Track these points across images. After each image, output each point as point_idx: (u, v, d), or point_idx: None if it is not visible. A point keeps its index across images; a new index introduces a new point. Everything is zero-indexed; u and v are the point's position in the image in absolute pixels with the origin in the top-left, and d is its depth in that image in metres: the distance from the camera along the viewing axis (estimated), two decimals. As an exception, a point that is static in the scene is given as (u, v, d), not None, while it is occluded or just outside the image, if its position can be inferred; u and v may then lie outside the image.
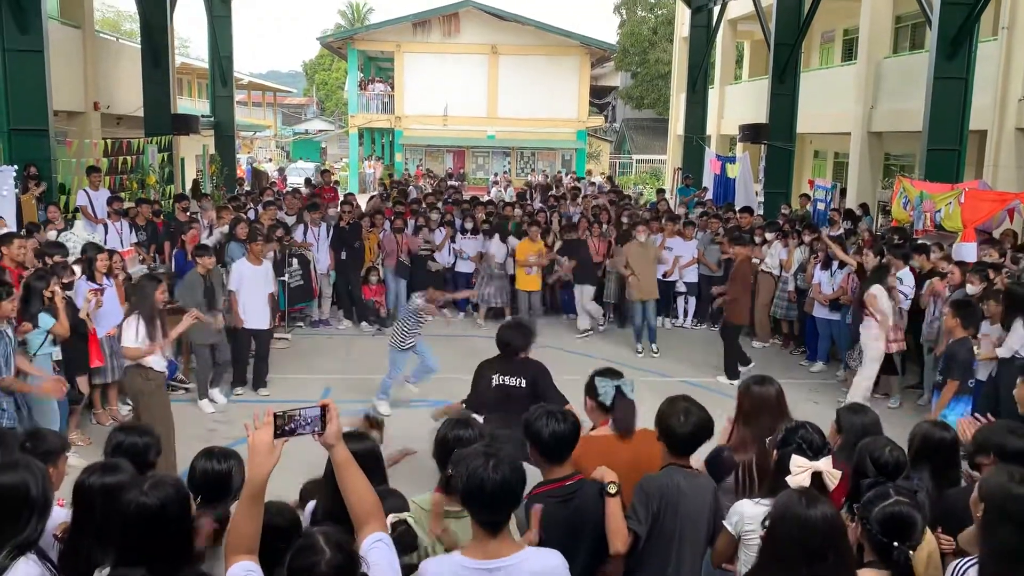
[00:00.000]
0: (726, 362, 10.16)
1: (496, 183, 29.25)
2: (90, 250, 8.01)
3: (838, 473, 3.14)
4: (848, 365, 9.52)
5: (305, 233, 12.06)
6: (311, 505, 3.40)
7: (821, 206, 15.20)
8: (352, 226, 12.37)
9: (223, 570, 2.52)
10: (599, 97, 48.24)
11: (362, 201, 16.81)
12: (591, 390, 4.06)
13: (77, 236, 9.73)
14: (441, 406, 6.40)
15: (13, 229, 8.92)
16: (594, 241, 12.49)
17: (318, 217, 12.23)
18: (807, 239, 11.19)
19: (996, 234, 10.32)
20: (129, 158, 14.74)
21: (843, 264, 10.08)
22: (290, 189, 17.68)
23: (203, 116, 20.15)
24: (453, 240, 12.98)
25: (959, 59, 11.70)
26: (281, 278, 11.27)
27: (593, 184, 24.61)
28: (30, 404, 6.60)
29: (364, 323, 12.26)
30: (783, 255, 11.41)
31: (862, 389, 8.65)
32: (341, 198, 14.47)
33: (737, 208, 14.31)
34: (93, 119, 16.69)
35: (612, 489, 3.36)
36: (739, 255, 10.23)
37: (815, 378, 10.40)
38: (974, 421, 4.23)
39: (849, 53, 21.87)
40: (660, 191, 19.70)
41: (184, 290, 8.76)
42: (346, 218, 12.40)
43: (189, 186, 18.55)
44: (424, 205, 14.73)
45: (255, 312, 9.18)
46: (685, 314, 13.01)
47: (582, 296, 12.09)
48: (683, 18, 26.49)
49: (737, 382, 10.30)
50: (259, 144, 47.98)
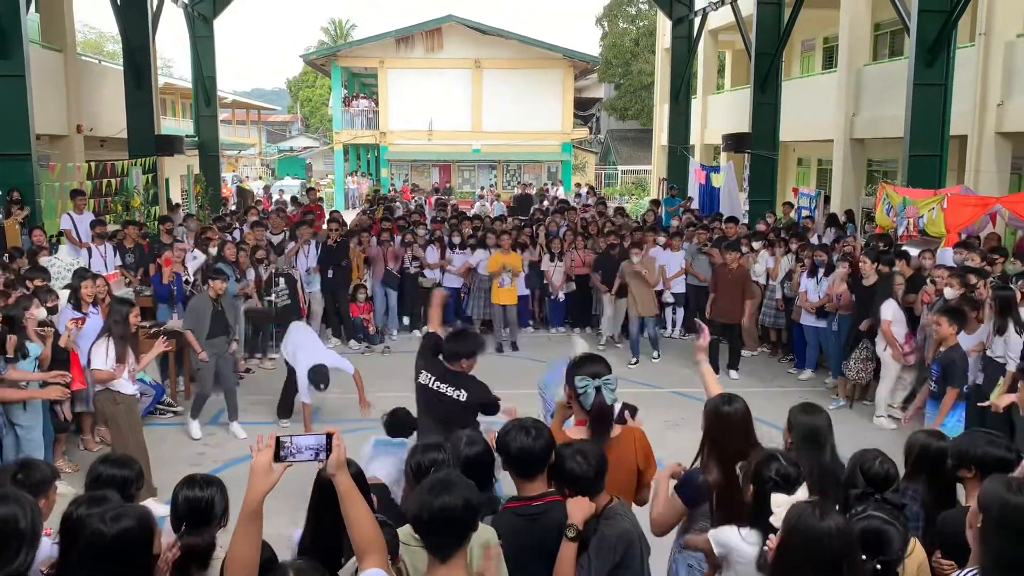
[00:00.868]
0: (731, 359, 10.82)
1: (482, 197, 29.29)
2: (75, 279, 7.95)
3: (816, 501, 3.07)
4: (843, 372, 9.53)
5: (296, 252, 11.98)
6: (297, 533, 3.37)
7: (805, 213, 15.29)
8: (340, 244, 12.33)
9: None
10: (583, 109, 48.42)
11: (348, 217, 16.79)
12: (571, 383, 3.82)
13: (61, 260, 9.68)
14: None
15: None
16: (579, 254, 12.49)
17: (307, 235, 12.17)
18: (793, 247, 11.26)
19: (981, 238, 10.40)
20: (113, 180, 14.72)
21: (829, 271, 10.14)
22: (275, 207, 17.65)
23: (187, 136, 20.11)
24: (443, 257, 12.91)
25: (938, 65, 11.82)
26: (268, 297, 11.25)
27: (578, 196, 24.67)
28: (17, 431, 6.56)
29: (352, 341, 12.22)
30: (770, 263, 11.46)
31: (884, 401, 8.94)
32: (327, 216, 14.45)
33: (723, 218, 14.38)
34: (76, 142, 16.61)
35: (571, 533, 3.13)
36: (730, 260, 10.71)
37: (804, 386, 10.42)
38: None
39: (830, 61, 22.05)
40: (654, 202, 19.72)
41: (190, 314, 8.67)
42: (333, 236, 12.36)
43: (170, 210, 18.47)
44: (410, 223, 14.66)
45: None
46: (673, 324, 13.04)
47: (615, 312, 12.11)
48: (664, 29, 26.66)
49: (736, 375, 10.60)
50: (244, 162, 47.86)
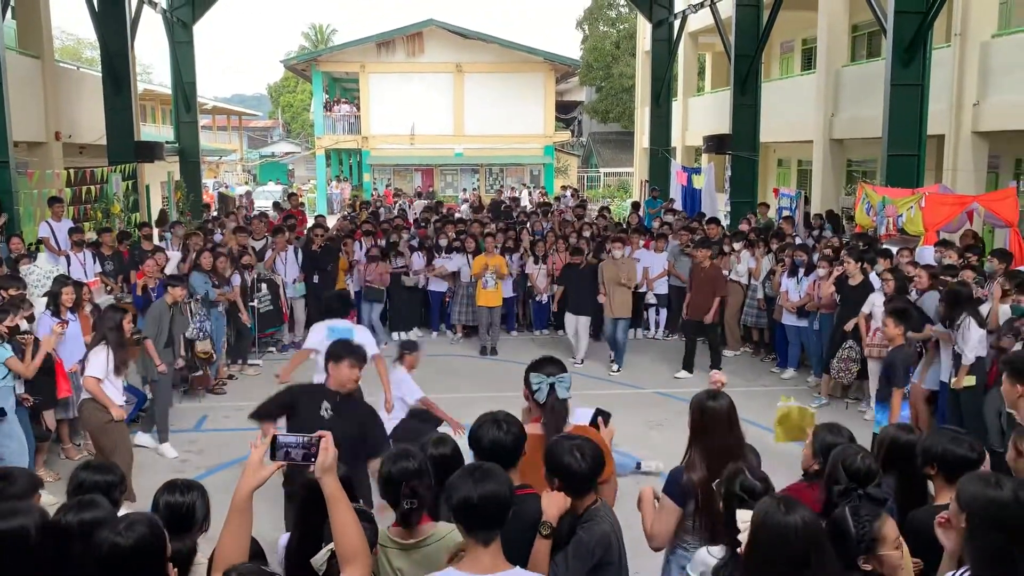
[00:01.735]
0: (712, 359, 10.76)
1: (466, 200, 29.28)
2: (56, 285, 7.90)
3: None
4: (830, 370, 9.55)
5: (275, 259, 11.92)
6: (284, 538, 3.36)
7: (786, 214, 15.37)
8: (325, 249, 12.27)
9: None
10: (565, 112, 48.59)
11: (330, 223, 16.73)
12: (527, 382, 3.89)
13: (40, 268, 9.60)
14: None
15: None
16: (561, 256, 12.47)
17: (283, 240, 12.10)
18: (774, 247, 11.34)
19: (955, 237, 10.50)
20: (93, 187, 14.59)
21: (809, 271, 10.21)
22: (257, 213, 17.57)
23: (167, 142, 19.97)
24: (430, 262, 12.84)
25: (914, 66, 11.93)
26: (250, 303, 11.20)
27: (559, 199, 24.68)
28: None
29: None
30: (751, 264, 11.53)
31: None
32: (309, 221, 14.39)
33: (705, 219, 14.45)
34: (55, 149, 16.49)
35: (544, 530, 3.12)
36: (700, 257, 10.84)
37: (787, 384, 10.49)
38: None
39: (808, 62, 22.22)
40: (635, 204, 19.83)
41: (149, 320, 8.59)
42: (318, 241, 12.31)
43: (156, 216, 18.36)
44: (393, 227, 14.59)
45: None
46: (656, 325, 13.09)
47: (576, 326, 11.38)
48: (645, 32, 26.77)
49: (720, 375, 10.47)
50: (225, 168, 47.62)
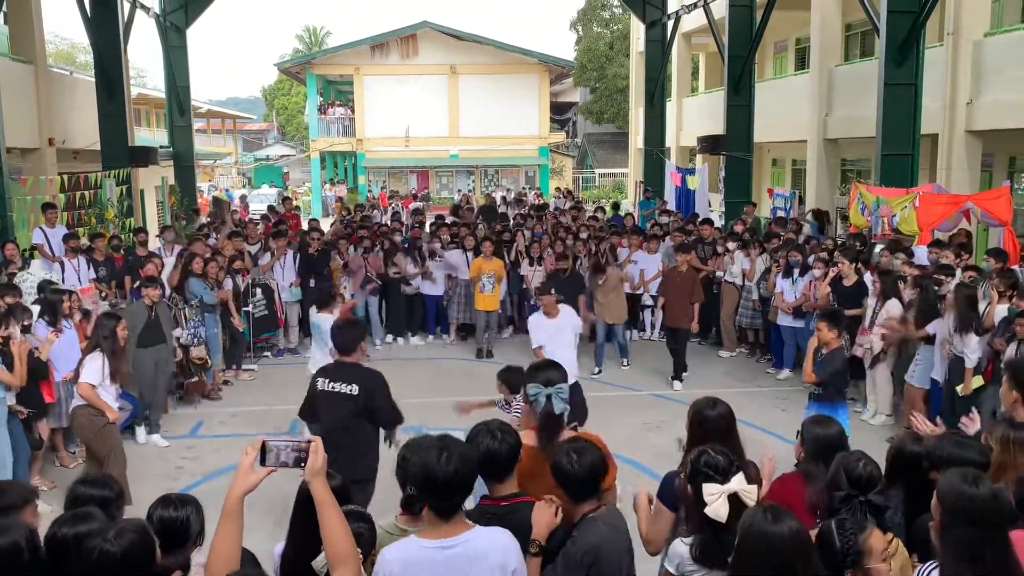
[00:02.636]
0: (675, 368, 10.57)
1: (465, 196, 29.24)
2: (49, 293, 7.85)
3: (753, 488, 3.09)
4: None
5: (272, 263, 11.91)
6: (279, 547, 3.35)
7: (780, 214, 15.40)
8: (321, 252, 12.26)
9: None
10: (559, 113, 48.62)
11: (325, 226, 16.71)
12: (524, 390, 3.91)
13: (34, 275, 9.57)
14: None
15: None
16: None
17: (283, 244, 12.10)
18: (768, 248, 11.35)
19: (946, 236, 10.50)
20: (87, 193, 14.57)
21: (804, 271, 10.22)
22: (252, 218, 17.54)
23: (161, 147, 19.95)
24: (422, 264, 12.73)
25: (908, 65, 11.95)
26: (245, 308, 11.18)
27: (557, 199, 24.70)
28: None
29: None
30: (745, 264, 11.53)
31: (887, 398, 9.03)
32: (303, 225, 14.36)
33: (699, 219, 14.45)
34: (48, 155, 16.41)
35: (533, 549, 3.14)
36: (680, 261, 10.73)
37: (782, 385, 10.49)
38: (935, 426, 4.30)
39: (802, 62, 22.25)
40: (615, 204, 19.88)
41: (128, 317, 8.56)
42: (313, 245, 12.30)
43: (155, 225, 18.30)
44: (390, 229, 14.56)
45: None
46: (652, 326, 13.08)
47: None
48: (638, 33, 26.79)
49: (680, 386, 10.34)
50: (220, 172, 47.56)
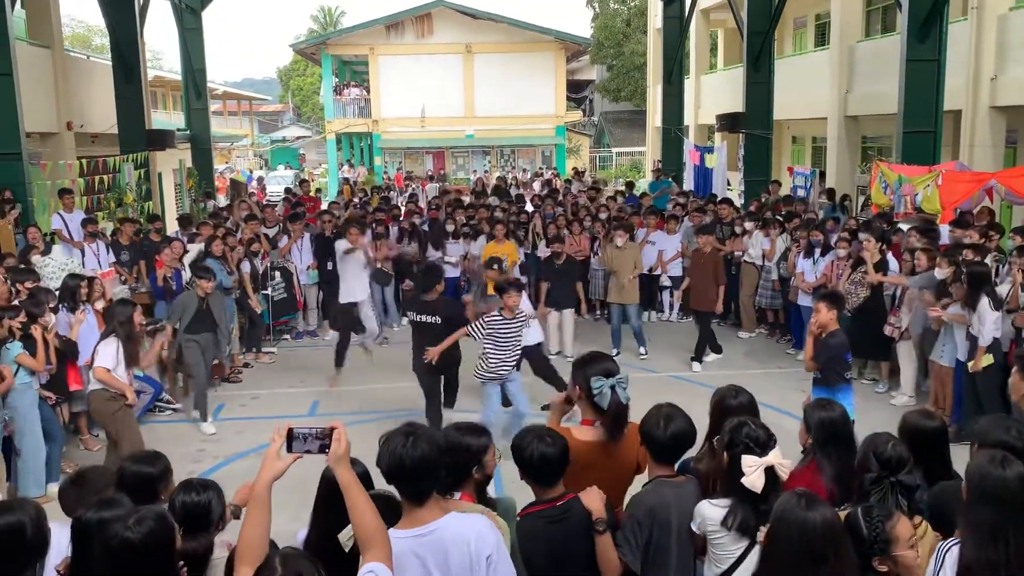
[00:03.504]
0: (697, 348, 10.50)
1: (479, 180, 29.18)
2: (69, 280, 7.94)
3: (789, 463, 3.24)
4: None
5: (289, 247, 11.95)
6: (302, 532, 3.37)
7: (801, 192, 15.25)
8: (337, 235, 12.26)
9: None
10: (576, 91, 48.28)
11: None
12: (585, 385, 3.80)
13: (55, 260, 9.64)
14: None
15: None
16: (575, 239, 12.40)
17: (300, 227, 12.13)
18: (789, 227, 11.25)
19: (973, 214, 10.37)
20: (105, 177, 14.61)
21: (825, 251, 10.13)
22: (269, 202, 17.56)
23: (179, 129, 20.00)
24: (437, 247, 12.75)
25: (930, 41, 11.77)
26: (264, 291, 11.23)
27: (569, 182, 24.55)
28: (16, 426, 6.56)
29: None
30: (765, 245, 11.43)
31: (911, 381, 8.95)
32: (323, 206, 14.36)
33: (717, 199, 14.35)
34: (67, 139, 16.52)
35: (601, 527, 3.31)
36: (702, 244, 10.63)
37: (802, 366, 10.38)
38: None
39: (822, 38, 21.97)
40: (629, 184, 19.82)
41: (175, 309, 8.73)
42: (329, 227, 12.31)
43: (176, 213, 18.34)
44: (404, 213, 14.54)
45: None
46: (670, 307, 13.03)
47: (561, 320, 10.75)
48: (656, 9, 26.54)
49: (699, 367, 10.32)
50: (237, 154, 47.70)
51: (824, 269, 10.06)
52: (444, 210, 14.37)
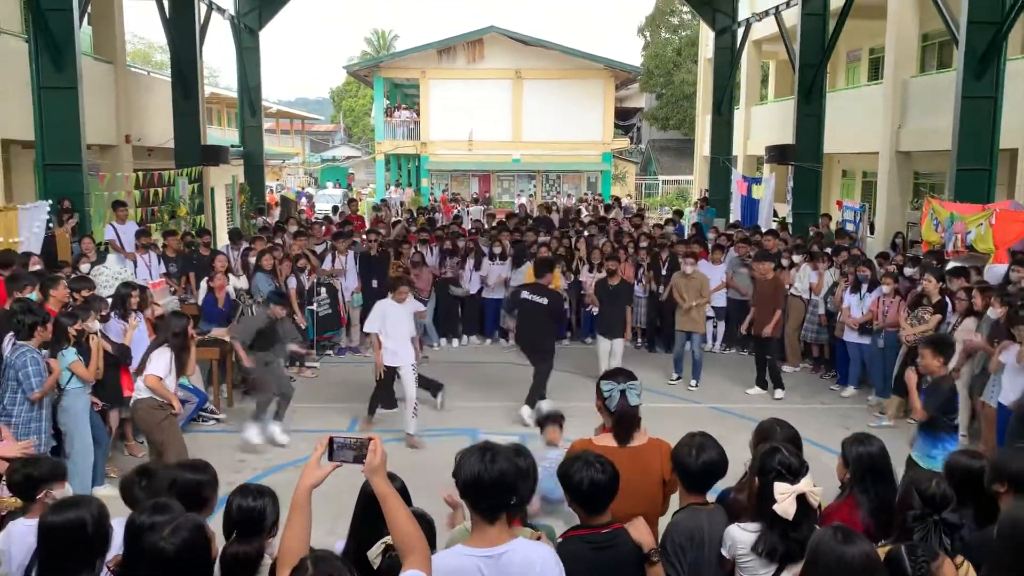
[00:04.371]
0: (758, 375, 10.49)
1: (521, 206, 29.34)
2: (122, 288, 8.14)
3: (820, 490, 3.25)
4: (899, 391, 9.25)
5: (333, 261, 12.13)
6: (340, 543, 3.40)
7: (850, 227, 15.05)
8: (382, 254, 12.43)
9: None
10: (624, 119, 48.34)
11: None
12: (598, 390, 4.02)
13: (109, 269, 9.88)
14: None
15: (40, 266, 9.02)
16: (623, 266, 12.33)
17: (345, 245, 12.30)
18: (837, 260, 11.11)
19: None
20: (160, 190, 14.97)
21: (872, 287, 9.98)
22: (316, 219, 17.81)
23: (232, 146, 20.43)
24: (478, 267, 12.93)
25: (987, 78, 11.59)
26: (310, 307, 11.38)
27: (611, 208, 24.51)
28: (67, 429, 6.71)
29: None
30: (813, 278, 11.29)
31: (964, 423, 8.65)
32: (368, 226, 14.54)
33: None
34: (124, 151, 16.95)
35: (655, 558, 3.29)
36: (764, 271, 10.54)
37: (846, 403, 10.25)
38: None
39: (876, 72, 21.75)
40: (678, 212, 19.83)
41: (243, 324, 9.02)
42: (374, 246, 12.47)
43: (227, 227, 18.68)
44: (448, 234, 14.62)
45: None
46: (714, 339, 12.91)
47: (612, 348, 10.40)
48: (707, 39, 26.48)
49: (756, 391, 10.37)
50: (287, 171, 48.53)
51: (871, 305, 9.91)
52: (488, 233, 14.46)
